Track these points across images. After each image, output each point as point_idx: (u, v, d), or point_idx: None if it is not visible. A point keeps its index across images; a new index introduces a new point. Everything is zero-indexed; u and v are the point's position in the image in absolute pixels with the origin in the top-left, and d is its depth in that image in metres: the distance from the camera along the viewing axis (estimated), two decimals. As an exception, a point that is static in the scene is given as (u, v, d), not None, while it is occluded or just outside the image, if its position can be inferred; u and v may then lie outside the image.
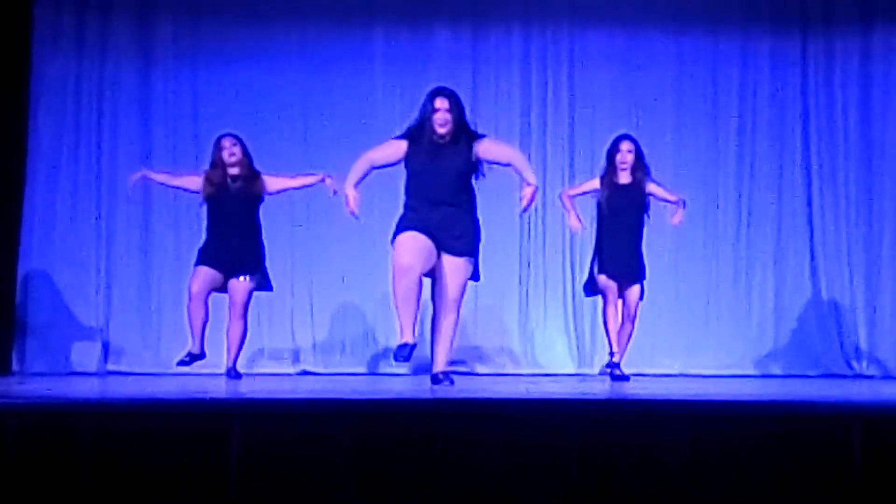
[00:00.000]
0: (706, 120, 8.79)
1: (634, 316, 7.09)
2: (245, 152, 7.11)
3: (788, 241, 8.72)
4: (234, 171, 7.08)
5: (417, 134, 6.04)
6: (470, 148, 6.03)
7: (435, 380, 5.96)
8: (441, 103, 6.00)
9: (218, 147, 7.10)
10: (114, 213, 8.49)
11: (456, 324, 6.09)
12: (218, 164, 7.09)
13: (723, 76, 8.82)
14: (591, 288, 7.21)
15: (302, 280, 8.55)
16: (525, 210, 6.24)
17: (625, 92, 8.71)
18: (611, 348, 7.10)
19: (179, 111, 8.58)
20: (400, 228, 5.98)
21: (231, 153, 7.05)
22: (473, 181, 6.11)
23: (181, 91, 8.59)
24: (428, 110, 6.01)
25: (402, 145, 6.04)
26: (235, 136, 7.13)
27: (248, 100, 8.46)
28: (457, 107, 6.02)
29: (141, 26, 8.57)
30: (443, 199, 5.95)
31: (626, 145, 7.08)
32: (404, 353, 5.83)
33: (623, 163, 7.06)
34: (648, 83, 8.73)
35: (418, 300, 5.88)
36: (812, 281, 8.68)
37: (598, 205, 7.13)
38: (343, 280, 8.54)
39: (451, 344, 6.12)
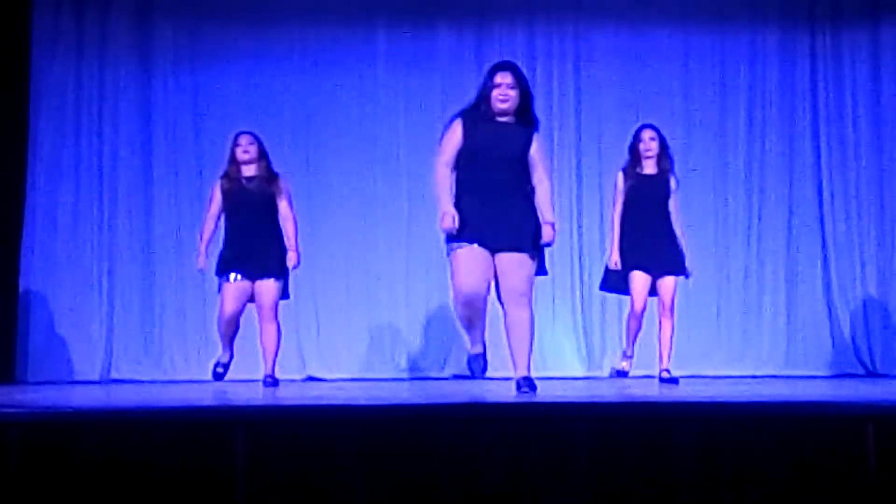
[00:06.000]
0: (715, 116, 8.76)
1: (672, 310, 6.68)
2: (262, 153, 6.90)
3: (799, 238, 8.68)
4: (249, 170, 6.88)
5: (473, 115, 5.36)
6: (532, 131, 5.40)
7: (518, 386, 5.29)
8: (503, 78, 5.32)
9: (234, 143, 6.91)
10: (116, 219, 8.44)
11: (532, 321, 5.31)
12: (233, 161, 6.91)
13: (731, 72, 8.79)
14: (611, 284, 6.89)
15: (306, 285, 8.48)
16: (549, 244, 5.39)
17: (632, 90, 8.66)
18: (624, 352, 6.93)
19: (180, 113, 8.55)
20: (457, 237, 5.25)
21: (245, 150, 6.85)
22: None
23: (182, 93, 8.56)
24: (487, 87, 5.34)
25: (459, 131, 5.34)
26: (253, 136, 6.93)
27: (249, 101, 8.42)
28: (521, 81, 5.35)
29: (141, 28, 8.56)
30: (501, 188, 5.28)
31: (648, 133, 6.82)
32: (479, 363, 5.49)
33: (648, 150, 6.77)
34: (656, 80, 8.69)
35: (485, 315, 5.39)
36: (824, 279, 8.64)
37: (625, 196, 6.77)
38: (346, 285, 8.50)
39: (531, 344, 5.33)
